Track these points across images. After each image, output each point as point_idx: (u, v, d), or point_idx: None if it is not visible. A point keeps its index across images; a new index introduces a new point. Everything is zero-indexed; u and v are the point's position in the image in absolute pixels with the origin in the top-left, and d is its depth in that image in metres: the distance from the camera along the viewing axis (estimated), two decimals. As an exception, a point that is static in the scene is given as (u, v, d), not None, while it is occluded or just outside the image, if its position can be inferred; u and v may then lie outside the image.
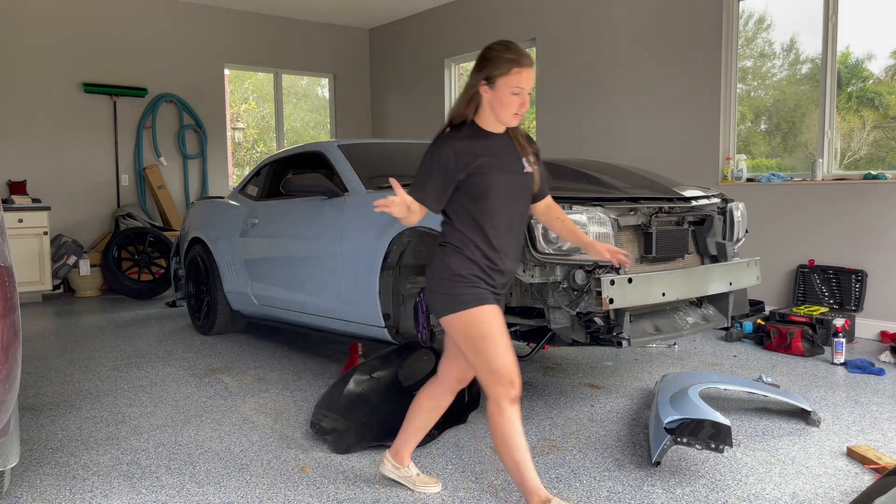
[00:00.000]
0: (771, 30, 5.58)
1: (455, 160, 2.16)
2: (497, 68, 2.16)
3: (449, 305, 2.18)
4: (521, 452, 2.18)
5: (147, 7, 7.76)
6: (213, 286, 5.04)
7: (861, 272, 4.82)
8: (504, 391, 2.15)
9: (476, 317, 2.15)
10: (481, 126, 2.24)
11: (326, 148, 4.32)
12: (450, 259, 2.20)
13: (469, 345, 2.17)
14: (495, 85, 2.17)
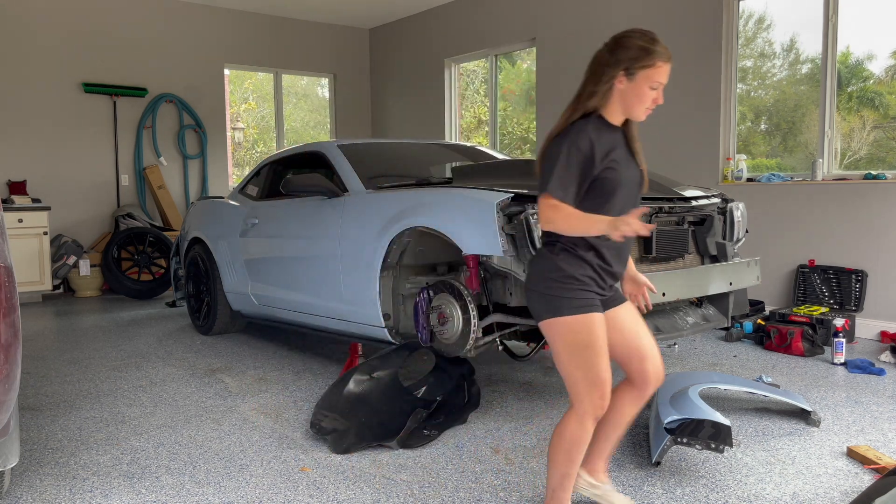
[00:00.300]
0: (771, 30, 5.58)
1: (595, 151, 1.97)
2: (639, 60, 1.98)
3: (553, 308, 2.00)
4: (575, 467, 2.10)
5: (147, 7, 7.76)
6: (213, 286, 5.04)
7: (861, 272, 4.82)
8: (594, 407, 2.03)
9: (583, 324, 1.99)
10: (607, 118, 2.06)
11: (326, 148, 4.32)
12: (559, 258, 2.01)
13: (568, 352, 2.01)
14: (635, 77, 1.99)
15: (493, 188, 3.12)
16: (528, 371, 4.06)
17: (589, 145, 1.97)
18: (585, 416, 2.04)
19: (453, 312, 3.18)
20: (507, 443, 2.95)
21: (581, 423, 2.05)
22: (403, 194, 3.50)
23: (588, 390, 2.02)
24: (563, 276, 1.99)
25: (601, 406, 2.03)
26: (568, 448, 2.07)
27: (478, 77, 8.52)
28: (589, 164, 1.97)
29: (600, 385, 2.01)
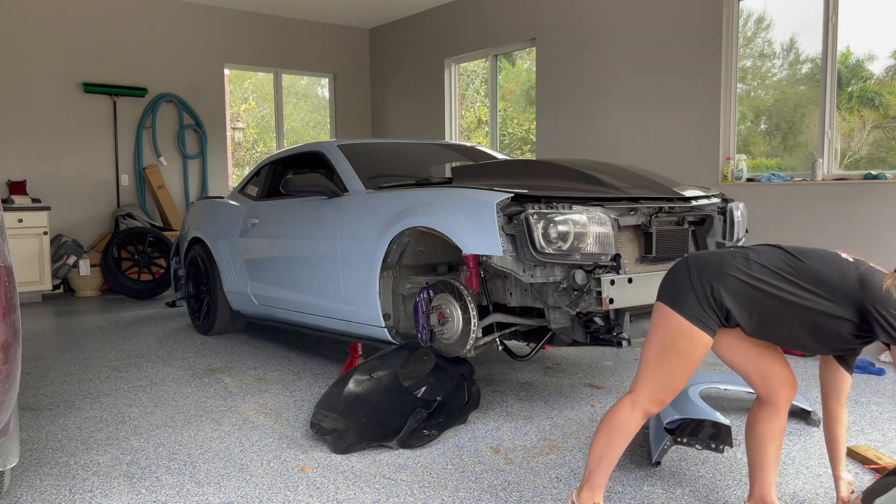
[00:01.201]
0: (770, 30, 5.58)
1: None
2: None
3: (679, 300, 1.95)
4: (614, 453, 2.08)
5: (147, 7, 7.76)
6: (213, 286, 5.04)
7: (861, 272, 4.82)
8: (650, 402, 2.01)
9: (693, 336, 1.93)
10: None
11: (326, 148, 4.32)
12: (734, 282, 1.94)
13: (663, 348, 1.97)
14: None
15: (493, 188, 3.11)
16: (528, 371, 4.06)
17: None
18: (638, 407, 2.02)
19: (453, 312, 3.18)
20: (507, 443, 2.95)
21: (633, 411, 2.03)
22: (403, 194, 3.50)
23: (656, 387, 2.00)
24: (718, 296, 1.92)
25: (657, 407, 2.02)
26: (610, 431, 2.06)
27: (478, 77, 8.52)
28: None
29: (669, 389, 1.99)
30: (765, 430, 2.16)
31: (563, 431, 3.08)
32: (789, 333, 1.93)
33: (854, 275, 1.87)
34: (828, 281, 1.88)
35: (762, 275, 1.93)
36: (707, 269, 1.96)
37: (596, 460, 2.09)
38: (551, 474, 2.63)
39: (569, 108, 6.82)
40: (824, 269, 1.90)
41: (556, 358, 4.34)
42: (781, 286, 1.91)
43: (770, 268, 1.93)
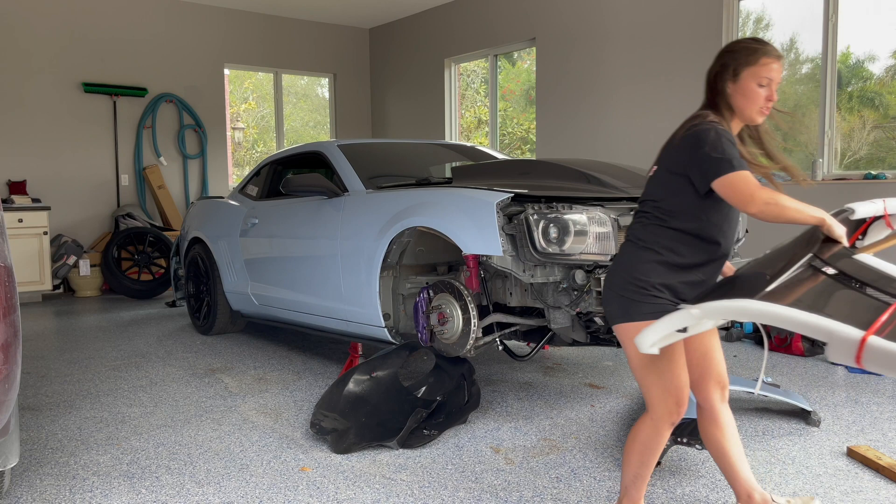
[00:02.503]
0: (770, 29, 5.57)
1: (735, 142, 1.91)
2: (743, 58, 1.96)
3: (627, 313, 1.94)
4: (648, 470, 2.07)
5: (147, 7, 7.76)
6: (213, 286, 5.04)
7: (861, 272, 4.82)
8: (669, 413, 1.99)
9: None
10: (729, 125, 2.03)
11: (326, 148, 4.32)
12: (647, 263, 1.95)
13: (642, 358, 1.97)
14: (739, 77, 1.96)
15: (493, 188, 3.11)
16: (528, 371, 4.06)
17: (735, 139, 1.93)
18: (660, 422, 2.01)
19: (453, 312, 3.18)
20: (507, 443, 2.95)
21: (656, 428, 2.02)
22: (403, 194, 3.50)
23: (662, 397, 1.98)
24: (644, 283, 1.93)
25: (677, 412, 1.99)
26: (641, 450, 2.05)
27: (478, 77, 8.52)
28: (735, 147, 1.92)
29: (675, 392, 1.98)
30: (716, 437, 2.17)
31: (563, 431, 3.08)
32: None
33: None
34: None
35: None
36: (618, 269, 2.00)
37: (631, 478, 2.10)
38: (551, 474, 2.63)
39: (569, 108, 6.82)
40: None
41: (556, 358, 4.35)
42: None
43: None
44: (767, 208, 1.81)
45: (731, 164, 1.85)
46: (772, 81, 1.96)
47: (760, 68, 1.94)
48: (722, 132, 1.91)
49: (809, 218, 1.83)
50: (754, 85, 1.95)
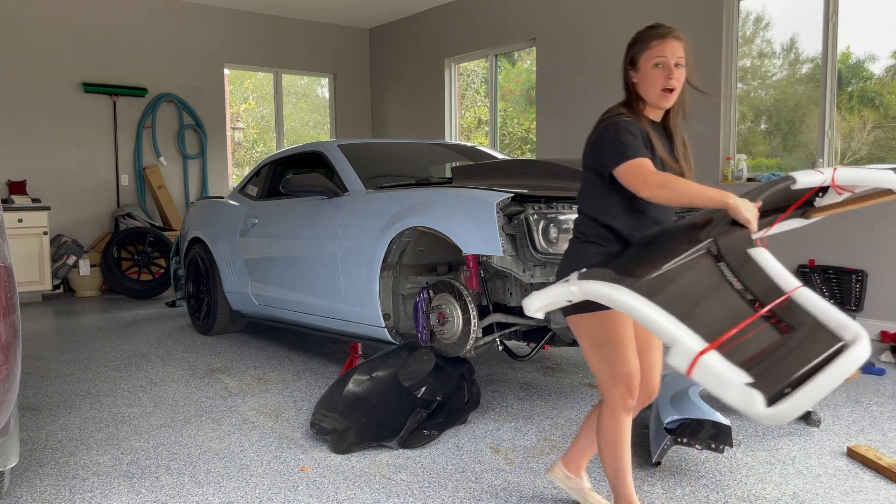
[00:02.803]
0: (770, 29, 5.58)
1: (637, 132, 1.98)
2: (637, 47, 2.03)
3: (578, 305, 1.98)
4: (624, 462, 2.11)
5: (147, 7, 7.76)
6: (213, 286, 5.03)
7: (861, 272, 4.82)
8: (622, 399, 2.04)
9: (605, 320, 1.99)
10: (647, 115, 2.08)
11: (326, 148, 4.32)
12: (588, 252, 2.02)
13: (592, 347, 2.04)
14: (638, 64, 2.02)
15: (493, 188, 3.11)
16: (528, 371, 4.06)
17: (637, 129, 1.98)
18: (616, 410, 2.06)
19: (453, 312, 3.18)
20: (507, 443, 2.95)
21: (613, 417, 2.07)
22: (403, 194, 3.50)
23: (613, 384, 2.04)
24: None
25: (628, 399, 2.04)
26: (609, 446, 2.10)
27: (478, 77, 8.52)
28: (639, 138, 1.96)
29: (625, 379, 2.02)
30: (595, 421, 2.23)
31: (563, 431, 3.08)
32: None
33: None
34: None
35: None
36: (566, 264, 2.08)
37: (613, 476, 2.14)
38: (551, 474, 2.63)
39: (569, 108, 6.82)
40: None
41: (556, 358, 4.34)
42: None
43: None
44: (659, 192, 1.86)
45: (626, 153, 1.92)
46: (667, 60, 1.98)
47: (652, 50, 1.99)
48: (621, 124, 1.97)
49: (710, 201, 1.85)
50: (650, 67, 1.99)
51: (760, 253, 1.88)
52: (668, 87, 1.99)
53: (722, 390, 1.56)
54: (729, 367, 1.58)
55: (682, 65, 2.00)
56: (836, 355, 1.62)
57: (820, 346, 1.65)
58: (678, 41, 2.00)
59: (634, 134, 1.96)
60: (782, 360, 1.62)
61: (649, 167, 1.89)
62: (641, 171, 1.89)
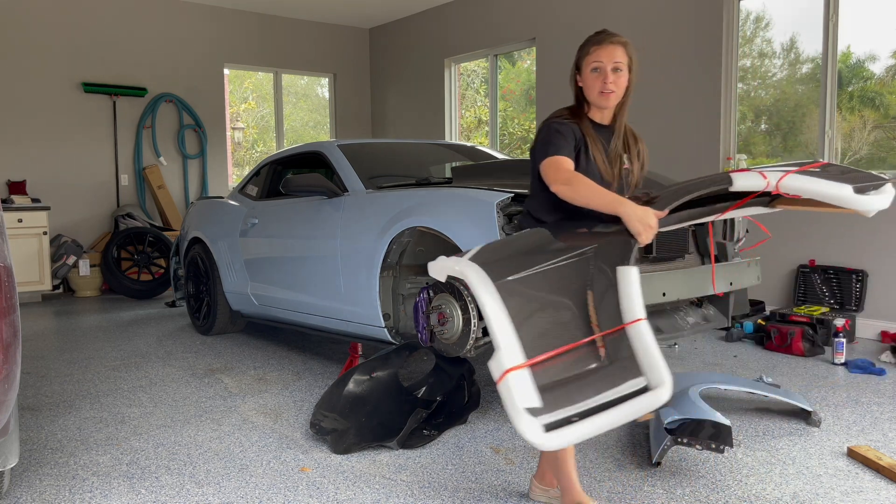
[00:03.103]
0: (770, 29, 5.57)
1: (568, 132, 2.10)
2: (579, 53, 2.15)
3: None
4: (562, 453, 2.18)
5: (147, 7, 7.75)
6: (213, 286, 5.03)
7: (861, 272, 4.82)
8: None
9: None
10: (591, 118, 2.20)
11: (326, 148, 4.31)
12: None
13: None
14: (581, 70, 2.14)
15: (493, 188, 3.11)
16: (528, 371, 4.06)
17: (569, 129, 2.08)
18: None
19: (453, 312, 3.17)
20: (507, 443, 2.95)
21: None
22: (403, 194, 3.49)
23: None
24: None
25: None
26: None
27: (478, 77, 8.52)
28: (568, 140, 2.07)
29: None
30: None
31: (564, 431, 3.07)
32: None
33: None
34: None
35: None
36: None
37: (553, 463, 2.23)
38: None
39: (569, 108, 6.81)
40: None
41: (556, 358, 4.34)
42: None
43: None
44: (563, 188, 1.97)
45: (548, 150, 2.05)
46: (603, 65, 2.09)
47: (590, 55, 2.11)
48: (553, 125, 2.10)
49: (605, 206, 1.93)
50: (589, 72, 2.11)
51: (626, 273, 1.88)
52: (605, 90, 2.09)
53: (509, 410, 1.69)
54: (526, 389, 1.70)
55: (620, 69, 2.11)
56: (634, 395, 1.67)
57: (623, 384, 1.72)
58: (616, 46, 2.10)
59: (563, 134, 2.07)
60: (582, 389, 1.70)
61: (563, 165, 1.98)
62: (553, 167, 2.00)
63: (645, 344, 1.78)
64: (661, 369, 1.73)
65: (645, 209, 1.92)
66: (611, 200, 1.92)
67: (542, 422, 1.64)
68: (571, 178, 1.96)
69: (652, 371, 1.73)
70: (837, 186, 2.01)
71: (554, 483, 2.35)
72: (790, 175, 2.03)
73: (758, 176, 2.04)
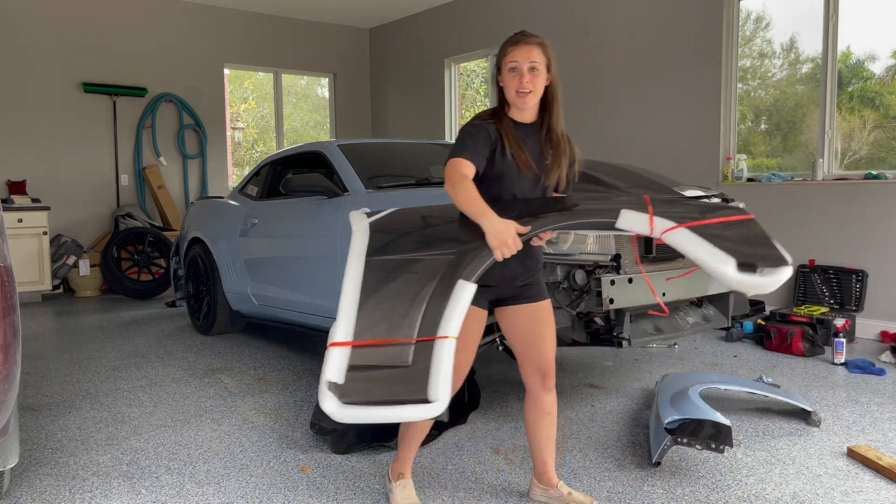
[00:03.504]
0: (770, 29, 5.57)
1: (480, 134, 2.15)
2: (499, 54, 2.21)
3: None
4: (409, 428, 2.32)
5: (147, 7, 7.75)
6: (213, 286, 5.03)
7: (861, 272, 4.82)
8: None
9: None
10: (512, 117, 2.24)
11: (326, 148, 4.31)
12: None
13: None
14: (501, 69, 2.20)
15: (493, 188, 3.11)
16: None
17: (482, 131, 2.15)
18: None
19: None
20: (507, 443, 2.95)
21: None
22: (403, 194, 3.49)
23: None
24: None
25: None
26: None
27: (478, 77, 8.52)
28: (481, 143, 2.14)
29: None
30: (528, 415, 2.37)
31: (563, 432, 3.07)
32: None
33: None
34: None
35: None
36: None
37: (401, 436, 2.36)
38: (551, 474, 2.63)
39: (569, 108, 6.79)
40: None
41: (557, 358, 4.34)
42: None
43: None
44: (448, 189, 2.06)
45: (454, 151, 2.12)
46: (519, 65, 2.14)
47: (507, 56, 2.17)
48: (467, 127, 2.18)
49: (472, 215, 2.02)
50: (507, 72, 2.17)
51: (461, 288, 1.97)
52: (522, 90, 2.13)
53: (321, 377, 1.91)
54: (338, 364, 1.93)
55: (537, 69, 2.14)
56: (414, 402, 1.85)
57: (405, 391, 1.87)
58: (533, 46, 2.14)
59: (474, 136, 2.13)
60: (382, 380, 1.90)
61: (458, 167, 2.07)
62: (450, 168, 2.08)
63: (440, 362, 1.90)
64: (442, 388, 1.86)
65: (507, 224, 1.96)
66: (477, 211, 1.99)
67: (340, 397, 1.87)
68: (458, 181, 2.03)
69: (435, 388, 1.86)
70: (722, 260, 1.90)
71: (553, 482, 2.37)
72: (678, 230, 1.97)
73: (645, 223, 2.01)
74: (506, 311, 2.29)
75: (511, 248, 1.97)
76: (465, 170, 2.07)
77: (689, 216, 2.00)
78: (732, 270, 1.89)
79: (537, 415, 2.33)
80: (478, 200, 2.00)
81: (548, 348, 2.28)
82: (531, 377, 2.30)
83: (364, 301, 2.03)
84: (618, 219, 2.02)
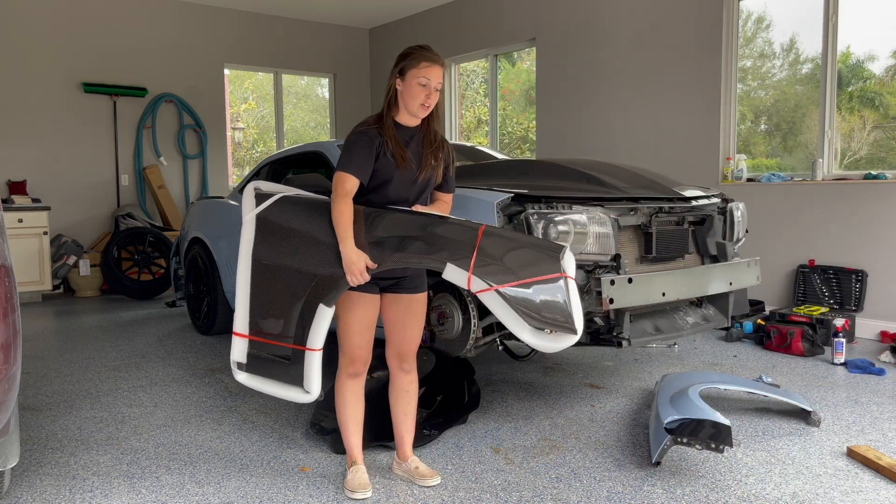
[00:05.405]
0: (770, 29, 5.58)
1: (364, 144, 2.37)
2: (408, 61, 2.39)
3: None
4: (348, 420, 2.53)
5: (147, 7, 7.76)
6: (213, 286, 5.03)
7: (861, 272, 4.82)
8: (344, 366, 2.48)
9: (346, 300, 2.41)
10: (397, 120, 2.46)
11: (326, 148, 4.32)
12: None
13: (338, 319, 2.46)
14: (406, 77, 2.39)
15: (493, 188, 3.11)
16: (528, 371, 4.06)
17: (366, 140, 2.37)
18: (340, 373, 2.50)
19: (453, 312, 3.18)
20: (507, 443, 2.95)
21: (338, 379, 2.52)
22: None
23: (341, 353, 2.49)
24: None
25: (351, 368, 2.48)
26: (337, 402, 2.54)
27: (478, 77, 8.52)
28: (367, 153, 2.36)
29: (347, 350, 2.46)
30: (390, 394, 2.63)
31: (563, 431, 3.08)
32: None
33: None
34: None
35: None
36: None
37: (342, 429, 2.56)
38: (551, 474, 2.63)
39: (569, 108, 6.82)
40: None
41: (556, 358, 4.34)
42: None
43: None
44: (332, 202, 2.36)
45: (341, 164, 2.36)
46: (430, 82, 2.38)
47: (420, 70, 2.37)
48: (351, 138, 2.39)
49: (338, 238, 2.32)
50: (415, 84, 2.37)
51: (322, 312, 2.32)
52: (427, 104, 2.39)
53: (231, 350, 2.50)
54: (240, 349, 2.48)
55: (439, 89, 2.41)
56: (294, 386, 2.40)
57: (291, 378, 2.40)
58: (441, 68, 2.40)
59: (359, 147, 2.36)
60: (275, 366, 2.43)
61: (343, 182, 2.33)
62: (336, 181, 2.34)
63: (311, 368, 2.35)
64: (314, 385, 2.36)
65: (360, 255, 2.27)
66: (340, 234, 2.30)
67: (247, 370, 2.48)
68: (338, 199, 2.32)
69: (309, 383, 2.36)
70: (520, 325, 2.18)
71: (407, 456, 2.61)
72: (489, 293, 2.21)
73: (464, 280, 2.24)
74: (387, 296, 2.53)
75: (359, 279, 2.27)
76: (350, 186, 2.33)
77: (503, 277, 2.22)
78: (528, 335, 2.18)
79: (396, 393, 2.61)
80: (344, 225, 2.29)
81: (411, 336, 2.54)
82: (392, 359, 2.58)
83: (253, 298, 2.46)
84: (443, 270, 2.26)
